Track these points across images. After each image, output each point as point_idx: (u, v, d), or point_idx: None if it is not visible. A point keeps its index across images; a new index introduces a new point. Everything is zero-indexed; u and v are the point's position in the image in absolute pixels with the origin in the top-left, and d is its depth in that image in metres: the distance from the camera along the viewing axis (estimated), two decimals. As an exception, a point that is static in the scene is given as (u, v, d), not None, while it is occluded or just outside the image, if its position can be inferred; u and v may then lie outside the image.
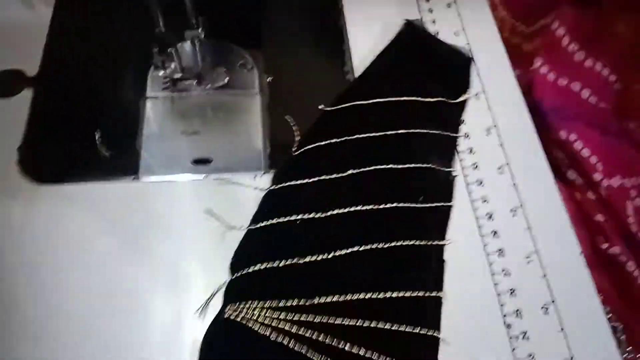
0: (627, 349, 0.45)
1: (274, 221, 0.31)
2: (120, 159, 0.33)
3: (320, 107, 0.35)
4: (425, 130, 0.34)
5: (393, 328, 0.28)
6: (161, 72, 0.36)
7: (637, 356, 0.46)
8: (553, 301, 0.30)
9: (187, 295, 0.29)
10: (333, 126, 0.34)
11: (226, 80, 0.37)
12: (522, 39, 0.50)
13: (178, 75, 0.36)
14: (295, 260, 0.29)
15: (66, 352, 0.27)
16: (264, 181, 0.33)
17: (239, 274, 0.29)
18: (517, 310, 0.29)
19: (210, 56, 0.36)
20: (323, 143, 0.33)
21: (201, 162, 0.33)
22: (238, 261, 0.29)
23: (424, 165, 0.33)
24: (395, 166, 0.32)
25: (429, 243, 0.31)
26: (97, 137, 0.34)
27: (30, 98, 0.35)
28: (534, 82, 0.45)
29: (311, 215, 0.31)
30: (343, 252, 0.30)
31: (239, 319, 0.28)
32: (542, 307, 0.29)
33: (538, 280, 0.30)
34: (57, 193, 0.32)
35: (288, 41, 0.41)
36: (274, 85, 0.37)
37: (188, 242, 0.30)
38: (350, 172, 0.32)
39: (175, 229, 0.31)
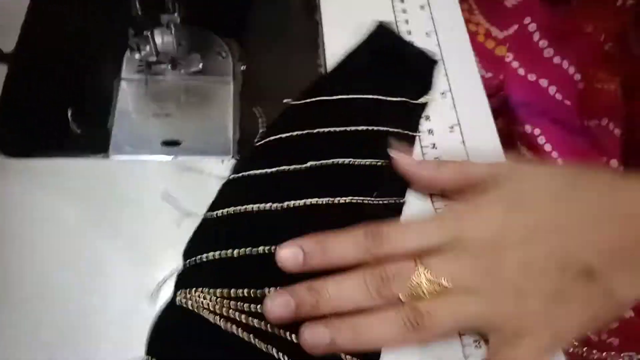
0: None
1: (231, 210, 0.31)
2: (91, 136, 0.34)
3: (285, 101, 0.36)
4: (385, 128, 0.35)
5: None
6: (136, 55, 0.37)
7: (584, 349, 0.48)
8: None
9: (148, 271, 0.30)
10: (296, 120, 0.35)
11: (200, 66, 0.38)
12: (496, 43, 0.51)
13: (153, 59, 0.37)
14: (248, 251, 0.30)
15: (31, 316, 0.28)
16: (230, 166, 0.34)
17: (192, 261, 0.29)
18: None
19: (186, 41, 0.37)
20: (285, 135, 0.34)
21: (171, 144, 0.34)
22: (191, 248, 0.30)
23: (381, 162, 0.34)
24: (353, 161, 0.33)
25: None
26: (69, 115, 0.35)
27: (4, 74, 0.36)
28: (505, 76, 0.47)
29: (267, 206, 0.31)
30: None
31: (189, 306, 0.28)
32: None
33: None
34: (27, 167, 0.32)
35: (264, 32, 0.41)
36: (247, 74, 0.38)
37: (152, 221, 0.31)
38: (309, 164, 0.33)
39: (140, 208, 0.31)
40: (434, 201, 0.34)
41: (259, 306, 0.28)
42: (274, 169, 0.33)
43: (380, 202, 0.33)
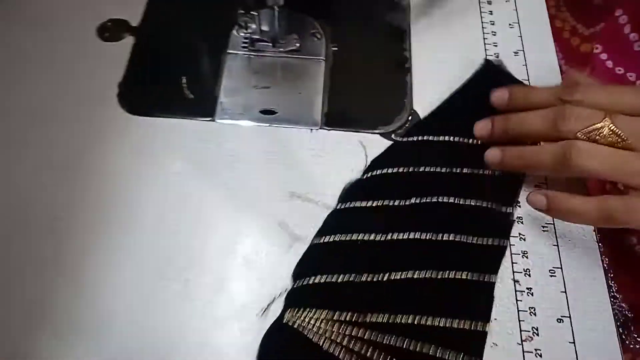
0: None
1: (337, 238, 0.33)
2: (200, 102, 0.39)
3: (392, 136, 0.38)
4: (488, 172, 0.36)
5: (437, 355, 0.29)
6: (243, 33, 0.42)
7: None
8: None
9: (243, 218, 0.34)
10: (401, 156, 0.37)
11: (297, 45, 0.42)
12: (582, 40, 0.52)
13: (257, 37, 0.42)
14: (352, 278, 0.32)
15: (137, 252, 0.33)
16: (319, 135, 0.38)
17: (300, 283, 0.32)
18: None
19: (286, 23, 0.41)
20: (390, 171, 0.36)
21: (267, 113, 0.39)
22: (300, 271, 0.33)
23: (484, 204, 0.35)
24: (456, 200, 0.35)
25: (480, 279, 0.32)
26: (183, 82, 0.40)
27: (132, 44, 0.42)
28: (592, 67, 0.47)
29: (371, 237, 0.33)
30: (398, 275, 0.32)
31: (295, 325, 0.31)
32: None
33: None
34: (147, 123, 0.38)
35: (355, 17, 0.45)
36: (338, 55, 0.42)
37: (249, 176, 0.36)
38: (413, 200, 0.35)
39: (239, 164, 0.36)
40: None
41: (360, 331, 0.30)
42: (378, 202, 0.35)
43: (483, 243, 0.34)
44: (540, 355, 0.30)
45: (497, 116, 0.36)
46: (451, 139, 0.38)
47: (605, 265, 0.44)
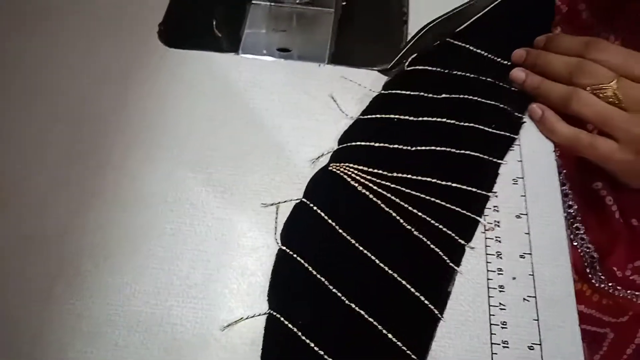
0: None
1: (378, 116, 0.42)
2: (227, 39, 0.47)
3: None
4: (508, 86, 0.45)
5: (448, 205, 0.38)
6: (266, -14, 0.50)
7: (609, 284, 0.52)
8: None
9: (259, 130, 0.42)
10: (442, 57, 0.45)
11: (311, -2, 0.49)
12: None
13: (278, -11, 0.50)
14: (385, 144, 0.40)
15: (172, 148, 0.41)
16: (325, 69, 0.45)
17: (344, 145, 0.40)
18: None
19: (302, -22, 0.49)
20: (430, 68, 0.44)
21: (283, 50, 0.46)
22: (345, 138, 0.41)
23: (502, 105, 0.43)
24: (479, 99, 0.43)
25: (490, 158, 0.41)
26: (214, 23, 0.48)
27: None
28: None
29: (406, 117, 0.42)
30: (423, 148, 0.40)
31: (338, 172, 0.39)
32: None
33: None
34: (181, 55, 0.45)
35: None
36: (346, 8, 0.50)
37: (264, 98, 0.43)
38: (443, 95, 0.43)
39: (255, 89, 0.44)
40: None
41: (388, 182, 0.38)
42: (415, 92, 0.43)
43: (497, 132, 0.42)
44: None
45: (532, 50, 0.44)
46: (483, 52, 0.46)
47: (573, 210, 0.50)
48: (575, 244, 0.49)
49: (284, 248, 0.36)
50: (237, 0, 0.50)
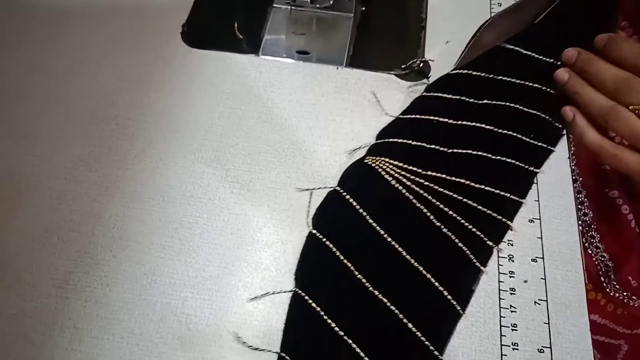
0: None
1: (417, 116, 0.42)
2: (248, 41, 0.48)
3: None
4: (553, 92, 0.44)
5: (478, 207, 0.38)
6: (288, -10, 0.51)
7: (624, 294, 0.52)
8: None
9: (276, 128, 0.42)
10: (485, 62, 0.45)
11: (331, 2, 0.50)
12: None
13: (299, -7, 0.51)
14: (423, 143, 0.41)
15: (191, 144, 0.42)
16: (343, 72, 0.46)
17: (381, 141, 0.41)
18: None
19: (323, -15, 0.50)
20: (473, 73, 0.44)
21: (302, 53, 0.47)
22: (383, 134, 0.42)
23: (544, 116, 0.42)
24: (521, 107, 0.43)
25: (526, 167, 0.41)
26: (235, 26, 0.49)
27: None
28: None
29: (445, 119, 0.42)
30: (459, 150, 0.40)
31: (373, 165, 0.40)
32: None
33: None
34: (203, 55, 0.47)
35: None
36: (365, 13, 0.51)
37: (281, 98, 0.44)
38: (485, 101, 0.43)
39: (274, 89, 0.45)
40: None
41: (421, 179, 0.39)
42: (456, 97, 0.43)
43: (534, 143, 0.42)
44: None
45: (584, 52, 0.42)
46: (532, 54, 0.45)
47: (588, 218, 0.50)
48: (590, 252, 0.49)
49: (314, 232, 0.37)
50: (259, 3, 0.51)
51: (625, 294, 0.49)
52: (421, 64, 0.46)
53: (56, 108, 0.43)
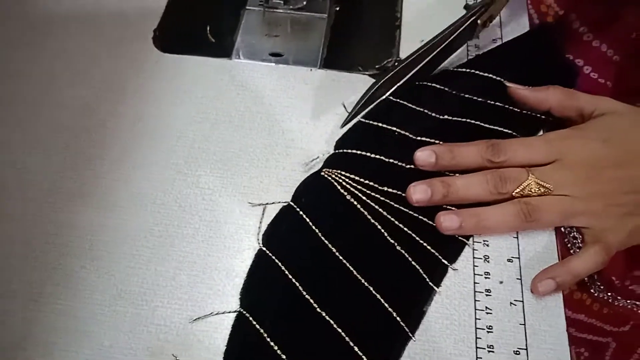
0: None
1: (379, 124, 0.41)
2: (221, 45, 0.47)
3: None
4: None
5: (434, 224, 0.37)
6: (261, -9, 0.51)
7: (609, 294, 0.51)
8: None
9: (250, 130, 0.42)
10: (449, 80, 0.44)
11: (304, 3, 0.50)
12: None
13: (272, -5, 0.50)
14: (381, 157, 0.40)
15: (163, 152, 0.41)
16: (317, 74, 0.45)
17: (340, 151, 0.40)
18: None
19: (297, -14, 0.49)
20: (440, 87, 0.43)
21: (275, 55, 0.47)
22: (343, 141, 0.41)
23: (505, 130, 0.41)
24: (484, 124, 0.42)
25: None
26: (208, 29, 0.49)
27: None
28: None
29: (406, 133, 0.41)
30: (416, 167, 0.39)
31: (329, 178, 0.39)
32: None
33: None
34: (175, 60, 0.46)
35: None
36: (339, 14, 0.50)
37: (254, 102, 0.43)
38: (445, 117, 0.42)
39: (247, 92, 0.44)
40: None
41: (377, 194, 0.38)
42: (419, 108, 0.42)
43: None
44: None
45: (434, 180, 0.38)
46: (491, 75, 0.44)
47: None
48: (572, 252, 0.48)
49: (264, 249, 0.36)
50: (232, 6, 0.50)
51: (609, 294, 0.48)
52: (396, 64, 0.46)
53: (33, 116, 0.43)
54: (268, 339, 0.33)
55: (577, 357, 0.52)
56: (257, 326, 0.33)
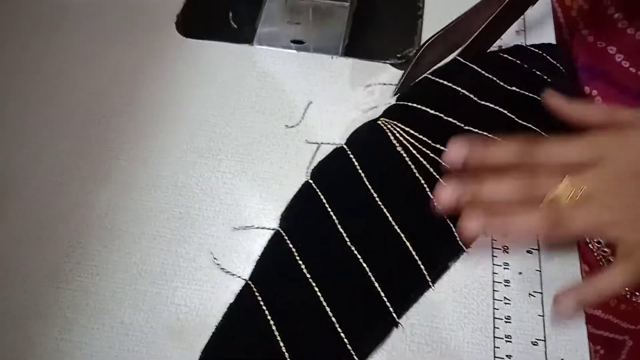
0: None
1: (445, 82, 0.42)
2: (243, 31, 0.48)
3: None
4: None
5: None
6: (283, -21, 0.51)
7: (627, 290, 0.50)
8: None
9: (269, 117, 0.42)
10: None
11: (327, -9, 0.50)
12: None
13: (294, -17, 0.50)
14: (441, 114, 0.40)
15: (182, 134, 0.41)
16: (338, 61, 0.45)
17: (401, 102, 0.41)
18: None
19: (320, -27, 0.49)
20: (505, 56, 0.43)
21: (297, 42, 0.47)
22: (405, 94, 0.42)
23: None
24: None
25: None
26: (230, 16, 0.49)
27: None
28: (574, 41, 0.52)
29: (470, 95, 0.41)
30: (474, 129, 0.39)
31: (384, 127, 0.40)
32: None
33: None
34: (198, 45, 0.46)
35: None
36: (361, 2, 0.50)
37: (275, 87, 0.44)
38: (513, 89, 0.41)
39: (268, 78, 0.44)
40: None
41: (424, 149, 0.39)
42: (489, 76, 0.42)
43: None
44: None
45: (465, 182, 0.35)
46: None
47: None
48: (591, 247, 0.48)
49: (310, 181, 0.39)
50: (256, -6, 0.51)
51: (628, 290, 0.48)
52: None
53: (50, 101, 0.43)
54: (299, 259, 0.35)
55: (594, 354, 0.52)
56: (291, 245, 0.36)
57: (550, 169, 0.35)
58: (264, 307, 0.34)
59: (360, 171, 0.38)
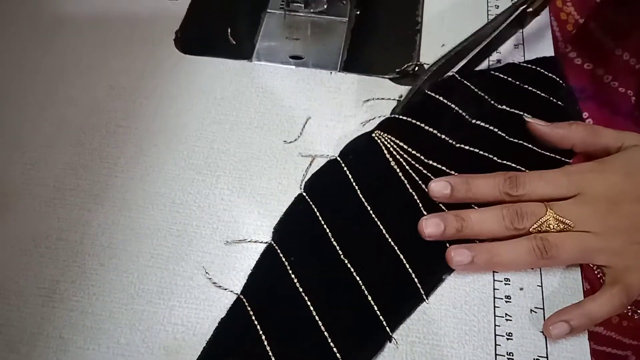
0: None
1: (440, 99, 0.42)
2: (240, 47, 0.48)
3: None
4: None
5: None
6: (282, -5, 0.51)
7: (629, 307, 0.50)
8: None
9: (268, 133, 0.42)
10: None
11: (325, 7, 0.50)
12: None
13: (293, -1, 0.50)
14: (435, 131, 0.40)
15: (179, 151, 0.41)
16: (336, 77, 0.45)
17: (396, 116, 0.41)
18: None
19: (318, -11, 0.49)
20: (497, 74, 0.44)
21: (295, 58, 0.47)
22: (402, 108, 0.41)
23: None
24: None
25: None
26: (229, 32, 0.49)
27: (189, 2, 0.51)
28: (564, 63, 0.49)
29: (463, 113, 0.41)
30: (466, 147, 0.40)
31: (377, 141, 0.40)
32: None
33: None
34: (196, 61, 0.46)
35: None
36: (359, 17, 0.50)
37: (273, 104, 0.44)
38: (503, 107, 0.42)
39: (267, 94, 0.44)
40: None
41: (417, 165, 0.39)
42: (481, 93, 0.43)
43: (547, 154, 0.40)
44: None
45: (448, 214, 0.36)
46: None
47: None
48: (590, 264, 0.48)
49: (303, 194, 0.39)
50: (253, 9, 0.51)
51: (629, 307, 0.47)
52: (416, 68, 0.45)
53: (46, 114, 0.43)
54: (290, 272, 0.35)
55: (596, 370, 0.51)
56: (283, 258, 0.36)
57: (533, 202, 0.36)
58: (256, 322, 0.33)
59: (353, 183, 0.39)
